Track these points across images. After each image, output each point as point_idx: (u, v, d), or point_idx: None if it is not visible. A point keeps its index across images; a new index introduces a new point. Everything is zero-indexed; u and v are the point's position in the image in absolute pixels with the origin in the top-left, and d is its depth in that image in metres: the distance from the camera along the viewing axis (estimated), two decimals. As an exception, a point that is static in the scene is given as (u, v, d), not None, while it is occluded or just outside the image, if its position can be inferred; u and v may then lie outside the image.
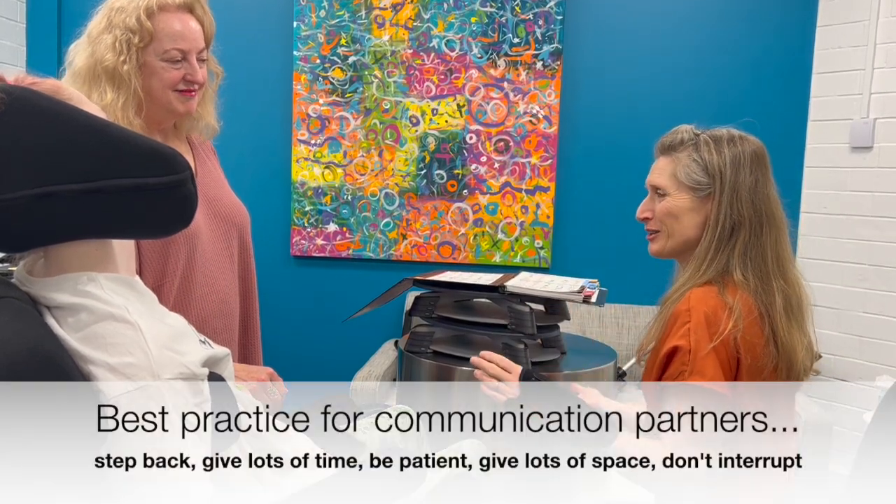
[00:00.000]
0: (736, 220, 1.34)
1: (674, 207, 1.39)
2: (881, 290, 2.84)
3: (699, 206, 1.37)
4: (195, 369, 1.00)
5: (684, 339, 1.27)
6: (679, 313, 1.30)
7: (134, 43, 1.42)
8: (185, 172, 0.99)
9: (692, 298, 1.30)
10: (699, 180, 1.37)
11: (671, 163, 1.41)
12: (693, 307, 1.29)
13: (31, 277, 1.02)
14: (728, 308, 1.28)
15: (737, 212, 1.34)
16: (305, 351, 3.25)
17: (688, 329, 1.27)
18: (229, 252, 1.64)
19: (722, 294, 1.30)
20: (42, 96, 0.97)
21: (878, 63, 2.82)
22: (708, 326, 1.26)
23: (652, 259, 1.49)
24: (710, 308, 1.28)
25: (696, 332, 1.26)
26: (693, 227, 1.38)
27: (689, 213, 1.38)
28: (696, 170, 1.37)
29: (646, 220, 1.45)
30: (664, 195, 1.41)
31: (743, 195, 1.34)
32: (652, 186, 1.44)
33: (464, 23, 3.08)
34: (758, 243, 1.34)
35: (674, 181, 1.39)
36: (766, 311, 1.30)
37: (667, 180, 1.40)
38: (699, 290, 1.32)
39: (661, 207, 1.41)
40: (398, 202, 3.18)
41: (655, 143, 1.48)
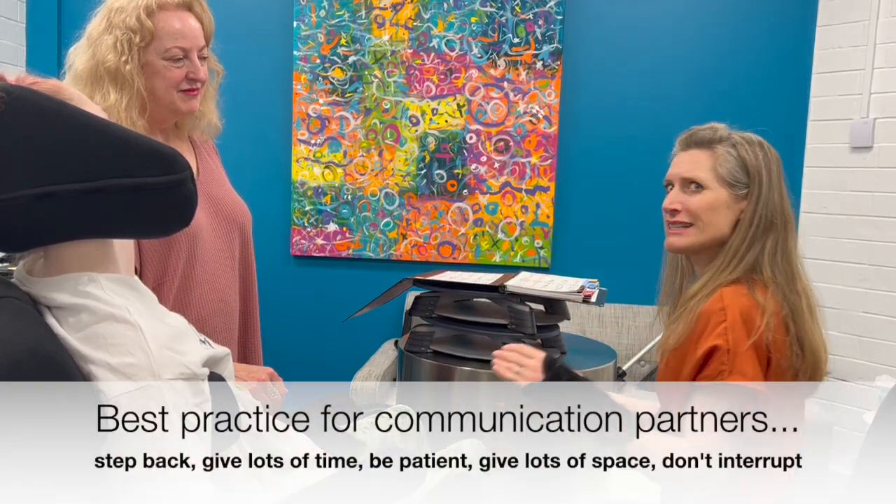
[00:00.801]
0: (769, 221, 1.34)
1: (714, 201, 1.37)
2: (881, 290, 2.84)
3: (734, 203, 1.37)
4: (196, 369, 1.00)
5: (721, 338, 1.25)
6: (711, 312, 1.28)
7: (135, 42, 1.42)
8: (185, 172, 0.99)
9: (725, 297, 1.29)
10: (739, 178, 1.37)
11: (709, 157, 1.38)
12: (727, 306, 1.27)
13: (31, 277, 1.02)
14: (761, 307, 1.27)
15: (770, 212, 1.35)
16: (305, 351, 3.25)
17: (724, 328, 1.25)
18: (230, 251, 1.64)
19: (752, 293, 1.30)
20: (42, 96, 0.97)
21: (878, 63, 2.82)
22: (744, 325, 1.26)
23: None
24: (745, 307, 1.27)
25: (734, 332, 1.25)
26: (727, 225, 1.37)
27: (725, 209, 1.37)
28: (737, 167, 1.37)
29: (675, 211, 1.42)
30: (701, 189, 1.38)
31: (775, 198, 1.36)
32: (685, 179, 1.40)
33: (464, 23, 3.08)
34: (785, 246, 1.35)
35: (714, 175, 1.37)
36: (791, 312, 1.30)
37: (706, 173, 1.38)
38: (729, 288, 1.31)
39: (699, 201, 1.38)
40: (398, 202, 3.18)
41: (682, 135, 1.44)
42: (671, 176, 1.44)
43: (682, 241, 1.41)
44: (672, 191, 1.44)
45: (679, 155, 1.44)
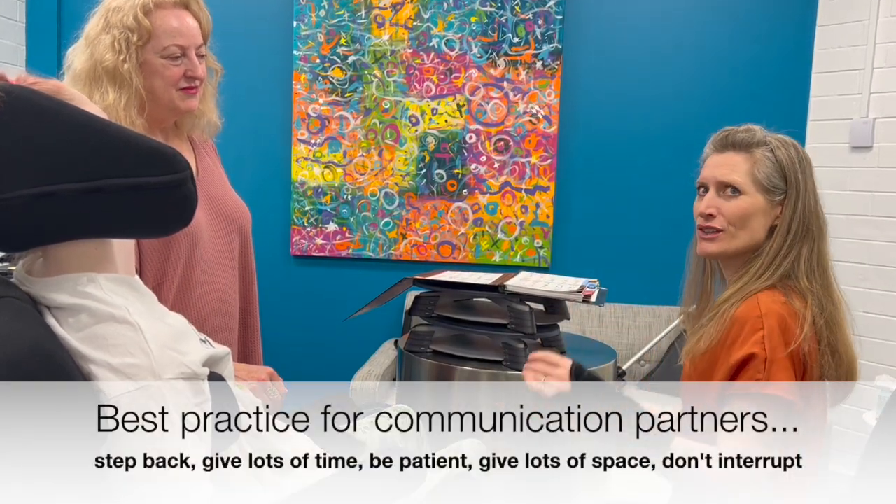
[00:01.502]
0: (806, 227, 1.33)
1: (750, 207, 1.34)
2: (881, 290, 2.84)
3: (770, 209, 1.34)
4: (196, 369, 1.00)
5: (758, 346, 1.23)
6: (748, 318, 1.26)
7: (133, 41, 1.42)
8: (185, 172, 0.99)
9: (762, 304, 1.26)
10: (777, 184, 1.34)
11: (747, 160, 1.35)
12: (765, 314, 1.25)
13: (30, 277, 1.02)
14: (800, 316, 1.25)
15: (808, 218, 1.33)
16: (305, 351, 3.25)
17: (762, 336, 1.23)
18: (230, 251, 1.64)
19: (790, 301, 1.27)
20: (42, 96, 0.97)
21: (878, 63, 2.82)
22: (782, 334, 1.24)
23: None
24: (783, 315, 1.25)
25: (771, 340, 1.23)
26: (762, 231, 1.34)
27: (762, 215, 1.34)
28: (775, 172, 1.34)
29: (709, 217, 1.37)
30: (738, 193, 1.34)
31: (811, 203, 1.34)
32: (721, 182, 1.36)
33: (463, 22, 3.08)
34: (821, 253, 1.34)
35: (751, 179, 1.34)
36: (827, 321, 1.28)
37: (744, 178, 1.34)
38: (766, 295, 1.28)
39: (736, 207, 1.34)
40: (398, 202, 3.18)
41: (716, 135, 1.40)
42: (705, 178, 1.39)
43: (715, 247, 1.37)
44: (707, 194, 1.39)
45: (713, 157, 1.40)
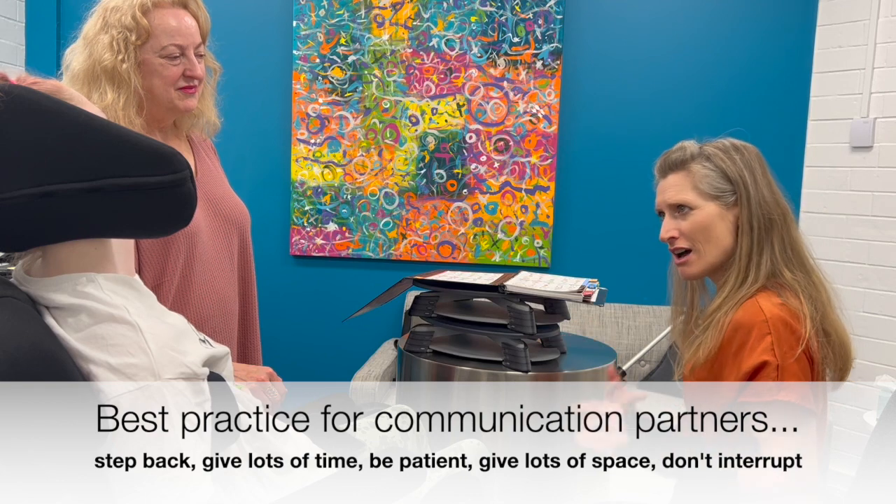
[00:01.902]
0: (768, 219, 1.34)
1: (705, 219, 1.37)
2: (881, 290, 2.84)
3: (726, 213, 1.36)
4: (196, 369, 1.00)
5: (769, 353, 1.23)
6: (753, 324, 1.26)
7: (131, 41, 1.42)
8: (185, 171, 0.99)
9: (764, 308, 1.27)
10: (722, 187, 1.36)
11: (686, 177, 1.39)
12: (770, 318, 1.25)
13: (29, 277, 1.02)
14: (800, 315, 1.26)
15: (766, 210, 1.34)
16: (305, 351, 3.25)
17: (771, 342, 1.23)
18: (229, 251, 1.63)
19: (786, 300, 1.28)
20: (42, 95, 0.97)
21: (878, 63, 2.82)
22: (790, 336, 1.24)
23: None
24: (785, 317, 1.26)
25: (780, 346, 1.23)
26: (727, 235, 1.36)
27: (719, 221, 1.36)
28: (717, 178, 1.36)
29: (672, 239, 1.41)
30: (689, 210, 1.38)
31: (765, 194, 1.35)
32: (671, 206, 1.41)
33: (463, 22, 3.08)
34: (790, 238, 1.35)
35: (697, 193, 1.37)
36: (817, 309, 1.29)
37: (689, 194, 1.38)
38: (763, 298, 1.29)
39: (691, 223, 1.38)
40: (398, 202, 3.18)
41: (657, 162, 1.45)
42: (659, 205, 1.45)
43: (694, 269, 1.40)
44: (665, 219, 1.43)
45: (660, 183, 1.45)
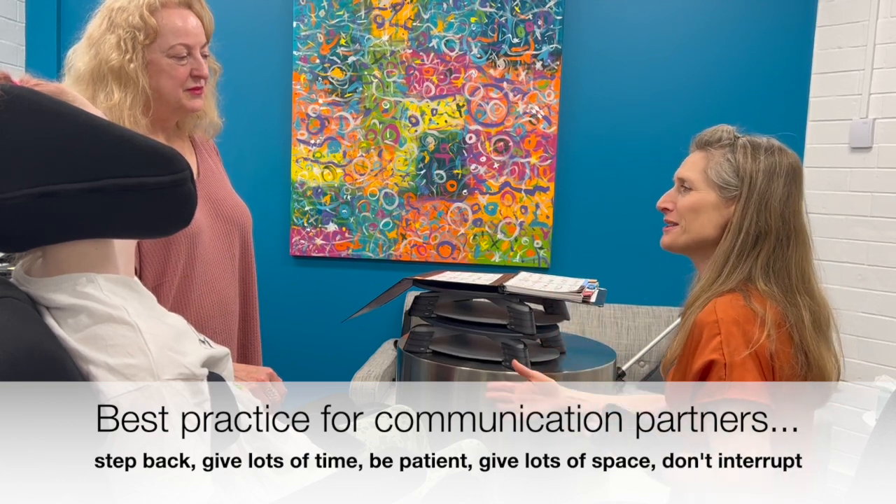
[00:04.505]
0: (762, 230, 1.31)
1: (697, 202, 1.36)
2: (880, 291, 2.84)
3: (722, 206, 1.35)
4: (195, 370, 1.00)
5: (717, 352, 1.22)
6: (705, 324, 1.25)
7: (139, 41, 1.42)
8: (185, 172, 0.99)
9: (718, 309, 1.26)
10: (728, 180, 1.34)
11: (704, 158, 1.38)
12: (721, 318, 1.24)
13: (29, 277, 1.02)
14: (759, 317, 1.24)
15: (764, 221, 1.31)
16: (305, 351, 3.25)
17: (719, 342, 1.22)
18: (230, 252, 1.64)
19: (748, 303, 1.26)
20: (43, 96, 0.97)
21: (878, 63, 2.82)
22: (741, 335, 1.22)
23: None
24: (739, 317, 1.24)
25: (728, 344, 1.22)
26: (711, 227, 1.35)
27: (711, 211, 1.35)
28: (727, 169, 1.35)
29: (665, 210, 1.43)
30: (690, 189, 1.38)
31: (773, 205, 1.31)
32: (679, 179, 1.41)
33: (463, 23, 3.08)
34: (783, 256, 1.31)
35: (702, 176, 1.37)
36: (796, 324, 1.26)
37: (696, 174, 1.38)
38: (723, 298, 1.28)
39: (685, 201, 1.38)
40: (398, 202, 3.18)
41: (693, 137, 1.44)
42: (675, 176, 1.45)
43: (665, 239, 1.43)
44: (670, 189, 1.44)
45: (688, 157, 1.44)
